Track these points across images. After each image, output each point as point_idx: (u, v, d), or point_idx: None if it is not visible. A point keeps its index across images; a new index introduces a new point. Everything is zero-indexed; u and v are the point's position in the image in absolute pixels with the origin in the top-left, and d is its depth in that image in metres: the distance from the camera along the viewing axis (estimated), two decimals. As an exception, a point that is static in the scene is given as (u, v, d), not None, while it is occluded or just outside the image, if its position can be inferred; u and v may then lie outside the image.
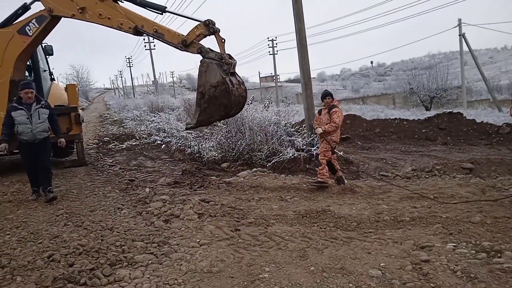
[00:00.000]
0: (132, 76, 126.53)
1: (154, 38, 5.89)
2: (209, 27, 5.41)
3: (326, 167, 7.10)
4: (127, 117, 21.87)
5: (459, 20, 31.55)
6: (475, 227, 4.62)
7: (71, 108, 9.37)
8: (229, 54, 5.50)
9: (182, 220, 5.25)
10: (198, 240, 4.54)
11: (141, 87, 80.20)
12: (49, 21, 6.90)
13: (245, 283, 3.56)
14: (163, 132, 13.34)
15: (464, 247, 4.05)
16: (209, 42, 5.55)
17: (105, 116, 26.62)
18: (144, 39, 46.55)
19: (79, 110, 9.78)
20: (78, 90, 11.10)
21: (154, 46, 53.60)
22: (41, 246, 4.46)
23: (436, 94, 34.00)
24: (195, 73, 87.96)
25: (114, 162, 9.92)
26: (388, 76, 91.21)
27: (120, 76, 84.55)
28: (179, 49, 5.66)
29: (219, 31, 5.46)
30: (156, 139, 12.74)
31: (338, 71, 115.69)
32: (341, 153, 10.76)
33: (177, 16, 6.02)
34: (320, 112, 7.43)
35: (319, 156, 7.13)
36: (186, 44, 5.51)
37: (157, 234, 4.78)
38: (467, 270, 3.52)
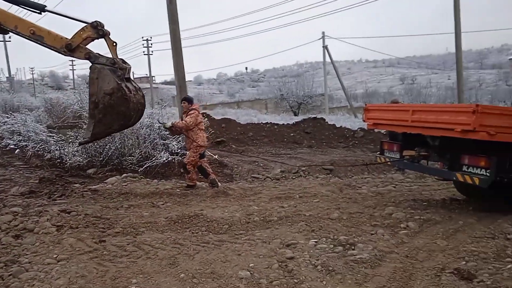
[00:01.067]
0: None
1: (31, 40, 5.06)
2: (97, 29, 4.92)
3: (194, 172, 7.31)
4: (-27, 117, 18.80)
5: (323, 33, 34.76)
6: (333, 223, 5.06)
7: None
8: (121, 59, 5.09)
9: (36, 234, 4.66)
10: (55, 256, 4.07)
11: (-8, 84, 70.05)
12: None
13: (109, 298, 3.30)
14: (18, 135, 11.79)
15: (324, 242, 4.39)
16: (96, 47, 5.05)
17: None
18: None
19: None
20: None
21: (10, 37, 47.41)
22: None
23: (303, 101, 36.83)
24: (59, 70, 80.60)
25: (-48, 170, 8.42)
26: (261, 82, 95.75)
27: (-35, 70, 72.63)
28: (62, 53, 5.02)
29: (109, 34, 4.99)
30: (9, 143, 11.21)
31: (215, 75, 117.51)
32: (216, 156, 10.90)
33: (58, 16, 5.27)
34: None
35: (187, 166, 7.25)
36: (70, 48, 4.92)
37: (4, 252, 4.15)
38: (326, 263, 3.81)
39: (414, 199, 6.36)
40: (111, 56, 4.99)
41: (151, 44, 46.55)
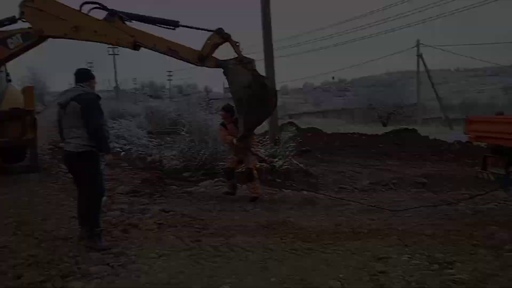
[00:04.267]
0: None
1: (168, 55, 5.63)
2: (222, 34, 5.41)
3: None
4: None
5: (418, 41, 33.12)
6: (428, 239, 4.81)
7: (27, 112, 8.98)
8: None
9: (141, 230, 5.12)
10: (157, 251, 4.42)
11: (101, 93, 77.74)
12: (35, 40, 6.30)
13: (205, 295, 3.51)
14: (123, 139, 13.01)
15: (418, 259, 4.19)
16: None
17: (62, 121, 25.59)
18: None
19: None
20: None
21: (118, 51, 52.50)
22: (-14, 256, 4.20)
23: (393, 111, 35.30)
24: (157, 80, 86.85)
25: (70, 169, 9.53)
26: (348, 92, 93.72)
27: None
28: (195, 64, 5.58)
29: (231, 36, 5.46)
30: (115, 146, 12.39)
31: (301, 85, 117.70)
32: (302, 165, 10.91)
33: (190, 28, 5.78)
34: (223, 124, 7.08)
35: (253, 171, 6.96)
36: (202, 58, 5.44)
37: (114, 244, 4.62)
38: (420, 281, 3.65)
39: (521, 220, 5.78)
40: (236, 55, 5.41)
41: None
